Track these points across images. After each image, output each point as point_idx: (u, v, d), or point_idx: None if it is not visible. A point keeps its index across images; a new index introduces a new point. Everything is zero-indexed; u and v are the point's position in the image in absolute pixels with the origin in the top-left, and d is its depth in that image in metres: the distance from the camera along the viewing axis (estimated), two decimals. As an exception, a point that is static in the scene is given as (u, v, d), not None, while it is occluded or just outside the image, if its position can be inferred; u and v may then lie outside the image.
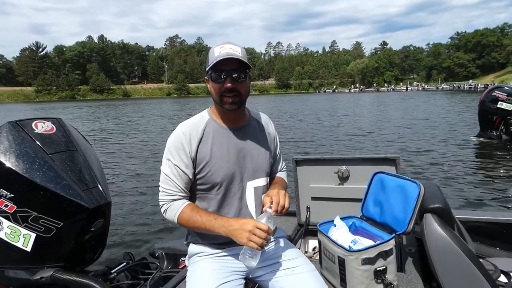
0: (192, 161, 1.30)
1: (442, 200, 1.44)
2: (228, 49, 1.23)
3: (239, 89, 1.26)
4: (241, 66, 1.25)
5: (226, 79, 1.24)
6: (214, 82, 1.26)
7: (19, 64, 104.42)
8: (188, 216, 1.28)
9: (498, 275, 1.47)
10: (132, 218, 4.76)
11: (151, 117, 24.30)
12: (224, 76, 1.23)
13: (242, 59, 1.22)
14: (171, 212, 1.31)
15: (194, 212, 1.28)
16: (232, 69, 1.23)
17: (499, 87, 9.24)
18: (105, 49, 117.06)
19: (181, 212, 1.29)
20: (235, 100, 1.26)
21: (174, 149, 1.30)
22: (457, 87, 76.44)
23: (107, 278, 1.95)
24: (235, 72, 1.24)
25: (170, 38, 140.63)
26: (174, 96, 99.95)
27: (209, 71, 1.26)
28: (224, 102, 1.26)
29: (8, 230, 1.60)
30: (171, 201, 1.32)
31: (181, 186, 1.31)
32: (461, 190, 5.44)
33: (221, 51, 1.23)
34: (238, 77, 1.25)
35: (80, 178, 1.69)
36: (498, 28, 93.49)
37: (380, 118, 18.48)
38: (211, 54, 1.27)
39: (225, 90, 1.24)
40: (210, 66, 1.23)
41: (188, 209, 1.29)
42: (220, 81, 1.24)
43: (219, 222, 1.23)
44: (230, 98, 1.25)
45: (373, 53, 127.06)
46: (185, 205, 1.31)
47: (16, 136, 1.64)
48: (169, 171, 1.31)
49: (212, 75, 1.25)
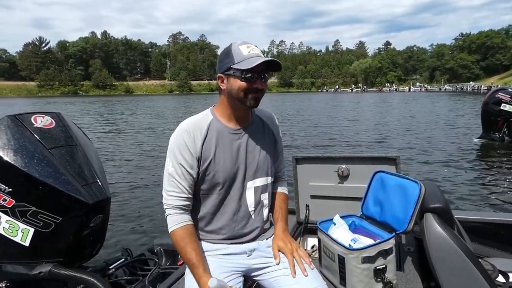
0: (196, 159, 1.29)
1: (442, 200, 1.44)
2: (256, 50, 1.27)
3: (264, 88, 1.30)
4: (267, 68, 1.28)
5: (257, 80, 1.25)
6: (243, 80, 1.25)
7: (22, 59, 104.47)
8: (178, 239, 1.27)
9: (496, 275, 1.48)
10: (131, 214, 4.76)
11: (152, 113, 24.31)
12: (256, 76, 1.25)
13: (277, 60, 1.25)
14: (169, 223, 1.30)
15: (184, 241, 1.26)
16: (262, 70, 1.26)
17: (503, 89, 9.23)
18: (108, 45, 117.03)
19: (174, 231, 1.28)
20: (259, 97, 1.29)
21: (177, 148, 1.29)
22: (460, 88, 76.29)
23: (106, 273, 1.95)
24: (264, 74, 1.27)
25: (173, 35, 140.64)
26: (176, 93, 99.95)
27: (237, 69, 1.24)
28: (248, 98, 1.27)
29: (6, 224, 1.60)
30: (174, 208, 1.30)
31: (185, 186, 1.30)
32: (462, 191, 5.42)
33: (250, 51, 1.25)
34: (266, 78, 1.29)
35: (79, 173, 1.69)
36: (503, 29, 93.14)
37: (381, 117, 18.46)
38: (237, 51, 1.26)
39: (255, 90, 1.26)
40: (246, 67, 1.22)
41: (182, 232, 1.28)
42: (252, 80, 1.25)
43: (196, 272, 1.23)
44: (255, 96, 1.28)
45: (376, 53, 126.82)
46: (182, 224, 1.28)
47: (15, 130, 1.64)
48: (173, 170, 1.29)
49: (243, 73, 1.24)
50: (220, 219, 1.36)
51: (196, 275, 1.23)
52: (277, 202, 1.52)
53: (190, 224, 1.31)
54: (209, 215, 1.37)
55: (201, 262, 1.25)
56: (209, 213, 1.36)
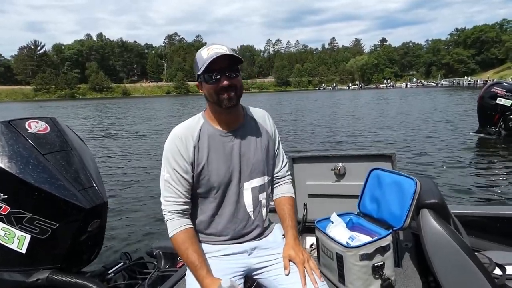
0: (190, 164, 1.29)
1: (438, 196, 1.44)
2: (216, 49, 1.24)
3: (235, 84, 1.26)
4: (232, 62, 1.25)
5: (221, 78, 1.24)
6: (209, 83, 1.25)
7: (17, 63, 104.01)
8: (179, 242, 1.28)
9: (493, 268, 1.49)
10: (129, 217, 4.74)
11: (148, 116, 24.25)
12: (218, 75, 1.23)
13: (232, 53, 1.23)
14: (169, 227, 1.30)
15: (185, 245, 1.27)
16: (225, 67, 1.23)
17: (498, 83, 9.25)
18: (104, 48, 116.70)
19: (175, 235, 1.29)
20: (232, 95, 1.26)
21: (171, 154, 1.29)
22: (456, 83, 76.61)
23: (104, 278, 1.94)
24: (228, 70, 1.24)
25: (169, 36, 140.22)
26: (173, 94, 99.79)
27: (201, 74, 1.25)
28: (221, 100, 1.25)
29: (2, 232, 1.59)
30: (173, 213, 1.30)
31: (182, 191, 1.30)
32: (458, 185, 5.44)
33: (209, 53, 1.23)
34: (232, 73, 1.25)
35: (75, 178, 1.68)
36: (497, 24, 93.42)
37: (377, 114, 18.48)
38: (199, 58, 1.26)
39: (222, 89, 1.24)
40: (202, 69, 1.22)
41: (183, 235, 1.28)
42: (215, 81, 1.24)
43: (199, 273, 1.23)
44: (227, 95, 1.25)
45: (372, 50, 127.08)
46: (182, 228, 1.29)
47: (9, 136, 1.62)
48: (168, 176, 1.30)
49: (206, 77, 1.25)
50: (219, 222, 1.36)
51: (199, 277, 1.23)
52: (286, 209, 1.47)
53: (190, 227, 1.31)
54: (208, 218, 1.36)
55: (204, 263, 1.25)
56: (208, 216, 1.36)
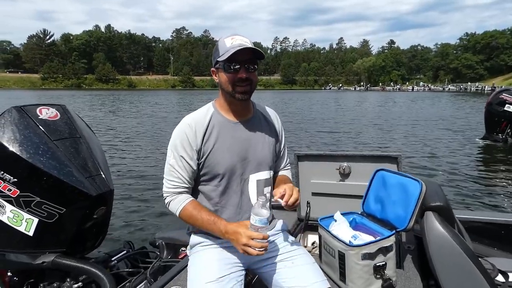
0: (197, 152, 1.31)
1: (443, 199, 1.44)
2: (240, 40, 1.26)
3: (251, 78, 1.29)
4: (253, 56, 1.28)
5: (240, 69, 1.26)
6: (227, 72, 1.27)
7: (26, 51, 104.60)
8: (189, 213, 1.30)
9: (496, 274, 1.49)
10: (133, 207, 4.78)
11: (155, 107, 24.32)
12: (238, 66, 1.25)
13: (256, 48, 1.25)
14: (174, 206, 1.33)
15: (195, 211, 1.30)
16: (246, 59, 1.26)
17: (507, 90, 9.17)
18: (111, 39, 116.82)
19: (183, 208, 1.31)
20: (247, 89, 1.29)
21: (179, 141, 1.31)
22: (463, 88, 75.79)
23: (107, 265, 1.97)
24: (249, 63, 1.27)
25: (177, 30, 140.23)
26: (179, 88, 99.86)
27: (221, 61, 1.26)
28: (236, 91, 1.28)
29: (10, 214, 1.62)
30: (175, 194, 1.33)
31: (186, 177, 1.33)
32: (463, 191, 5.42)
33: (233, 42, 1.25)
34: (252, 67, 1.28)
35: (83, 166, 1.70)
36: (508, 30, 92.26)
37: (384, 116, 18.38)
38: (222, 45, 1.27)
39: (239, 80, 1.26)
40: (225, 57, 1.23)
41: (191, 206, 1.31)
42: (234, 71, 1.26)
43: (218, 227, 1.25)
44: (242, 88, 1.28)
45: (380, 52, 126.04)
46: (188, 201, 1.32)
47: (20, 121, 1.65)
48: (174, 162, 1.32)
49: (225, 65, 1.27)
50: (224, 212, 1.37)
51: (221, 226, 1.25)
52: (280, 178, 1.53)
53: (192, 199, 1.35)
54: (213, 207, 1.38)
55: (219, 217, 1.29)
56: (213, 204, 1.38)
